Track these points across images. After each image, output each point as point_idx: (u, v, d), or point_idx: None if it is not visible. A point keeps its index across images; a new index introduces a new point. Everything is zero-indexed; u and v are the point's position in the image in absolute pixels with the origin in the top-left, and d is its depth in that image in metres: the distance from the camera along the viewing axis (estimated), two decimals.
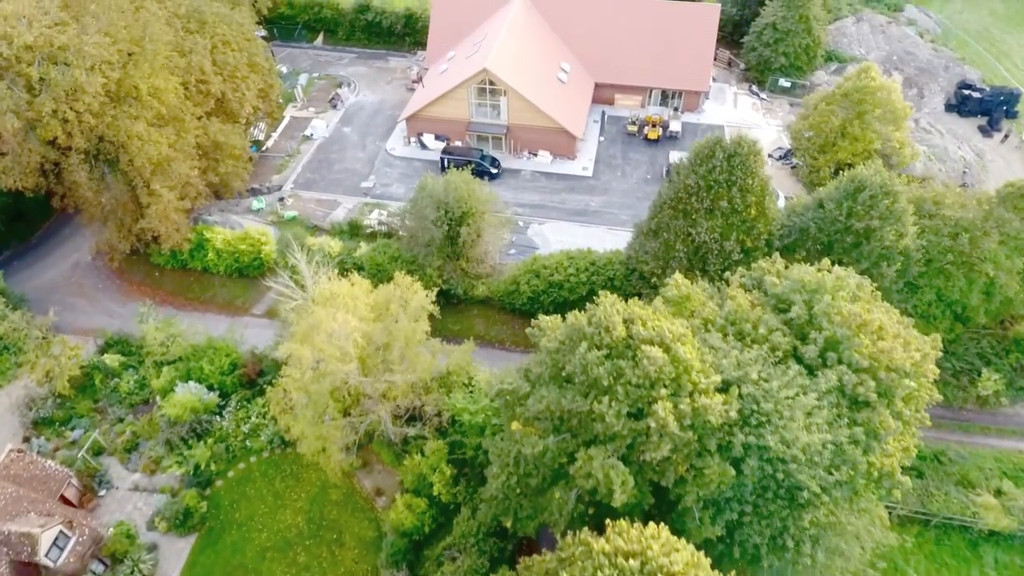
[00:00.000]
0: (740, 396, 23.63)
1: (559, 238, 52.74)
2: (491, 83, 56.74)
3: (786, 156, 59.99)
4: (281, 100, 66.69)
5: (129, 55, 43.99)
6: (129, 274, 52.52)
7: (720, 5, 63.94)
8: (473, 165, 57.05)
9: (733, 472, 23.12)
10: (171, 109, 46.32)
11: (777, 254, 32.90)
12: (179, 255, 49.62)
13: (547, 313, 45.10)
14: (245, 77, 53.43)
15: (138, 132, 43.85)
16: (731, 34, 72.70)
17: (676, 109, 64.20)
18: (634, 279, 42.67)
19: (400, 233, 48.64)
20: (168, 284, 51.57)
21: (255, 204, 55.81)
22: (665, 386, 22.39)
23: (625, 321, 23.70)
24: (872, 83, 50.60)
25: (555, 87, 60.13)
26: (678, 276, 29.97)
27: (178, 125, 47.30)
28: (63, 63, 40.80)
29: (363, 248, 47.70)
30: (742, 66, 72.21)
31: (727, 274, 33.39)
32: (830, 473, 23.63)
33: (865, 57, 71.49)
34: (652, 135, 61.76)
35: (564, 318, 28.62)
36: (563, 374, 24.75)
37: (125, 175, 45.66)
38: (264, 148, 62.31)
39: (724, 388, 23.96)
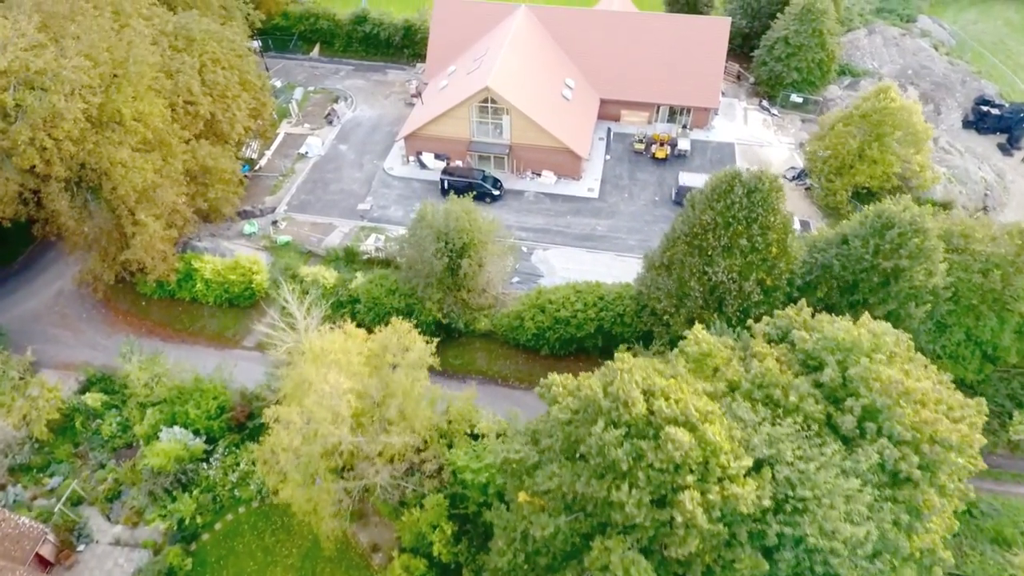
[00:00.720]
0: (773, 478, 21.38)
1: (565, 265, 50.45)
2: (493, 101, 54.46)
3: (800, 176, 57.69)
4: (275, 116, 64.54)
5: (112, 77, 41.69)
6: (115, 303, 50.22)
7: (730, 18, 61.48)
8: (474, 187, 54.98)
9: (766, 565, 20.89)
10: (157, 133, 44.03)
11: (803, 301, 30.68)
12: (166, 286, 47.31)
13: (552, 349, 43.66)
14: (236, 96, 51.11)
15: (122, 159, 41.57)
16: (740, 47, 70.40)
17: (685, 126, 61.89)
18: (645, 315, 40.41)
19: (398, 260, 46.28)
20: (155, 314, 49.26)
21: (247, 228, 53.48)
22: (691, 471, 20.16)
23: (645, 393, 21.43)
24: (892, 104, 48.33)
25: (559, 105, 57.84)
26: (698, 331, 27.66)
27: (165, 150, 45.01)
28: (40, 88, 38.52)
29: (359, 279, 45.40)
30: (752, 80, 69.93)
31: (749, 322, 31.13)
32: (872, 562, 21.39)
33: (879, 71, 69.28)
34: (660, 154, 59.47)
35: (576, 375, 26.34)
36: (576, 452, 22.49)
37: (109, 203, 43.35)
38: (257, 167, 59.99)
39: (756, 468, 21.72)
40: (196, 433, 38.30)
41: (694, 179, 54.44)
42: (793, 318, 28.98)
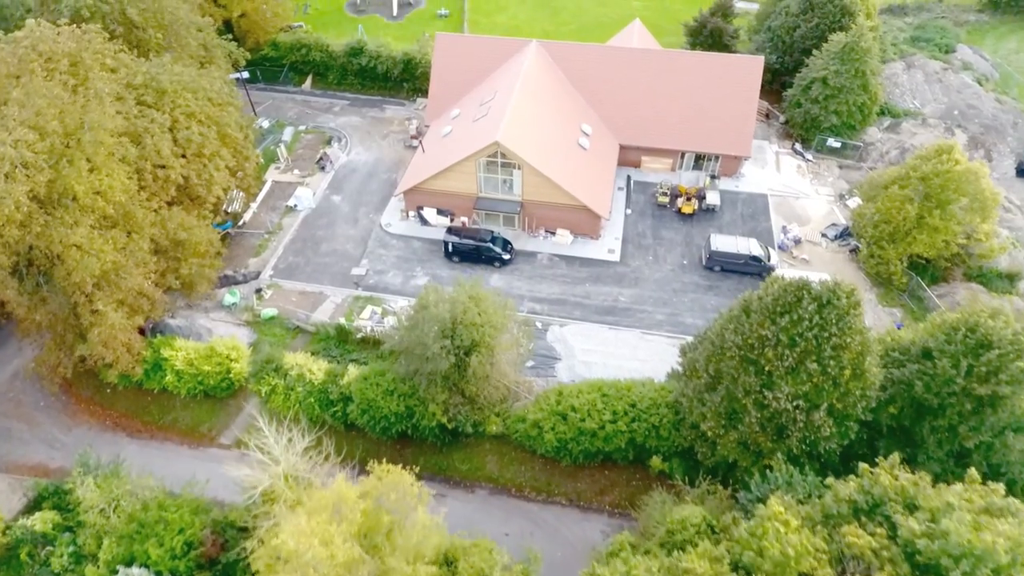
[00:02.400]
0: None
1: (584, 345, 44.69)
2: (503, 156, 48.69)
3: (843, 235, 51.93)
4: (262, 161, 58.76)
5: (65, 148, 35.92)
6: (77, 389, 44.44)
7: (763, 57, 55.73)
8: (482, 251, 49.26)
9: None
10: (119, 207, 38.27)
11: (895, 456, 25.02)
12: (132, 376, 41.52)
13: (576, 462, 37.95)
14: (214, 154, 45.30)
15: (76, 241, 35.79)
16: (769, 83, 64.55)
17: (713, 177, 56.08)
18: (685, 429, 34.69)
19: (396, 350, 40.46)
20: (121, 404, 43.45)
21: (228, 298, 47.70)
22: None
23: None
24: (956, 167, 42.64)
25: (576, 156, 52.08)
26: (777, 512, 21.91)
27: (129, 224, 39.24)
28: None
29: (351, 372, 39.57)
30: (782, 119, 64.23)
31: (829, 479, 25.45)
32: None
33: (920, 110, 63.59)
34: (687, 209, 53.72)
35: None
36: None
37: (64, 288, 37.55)
38: (241, 223, 54.18)
39: None
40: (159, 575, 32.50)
41: (727, 243, 48.78)
42: (887, 487, 23.24)
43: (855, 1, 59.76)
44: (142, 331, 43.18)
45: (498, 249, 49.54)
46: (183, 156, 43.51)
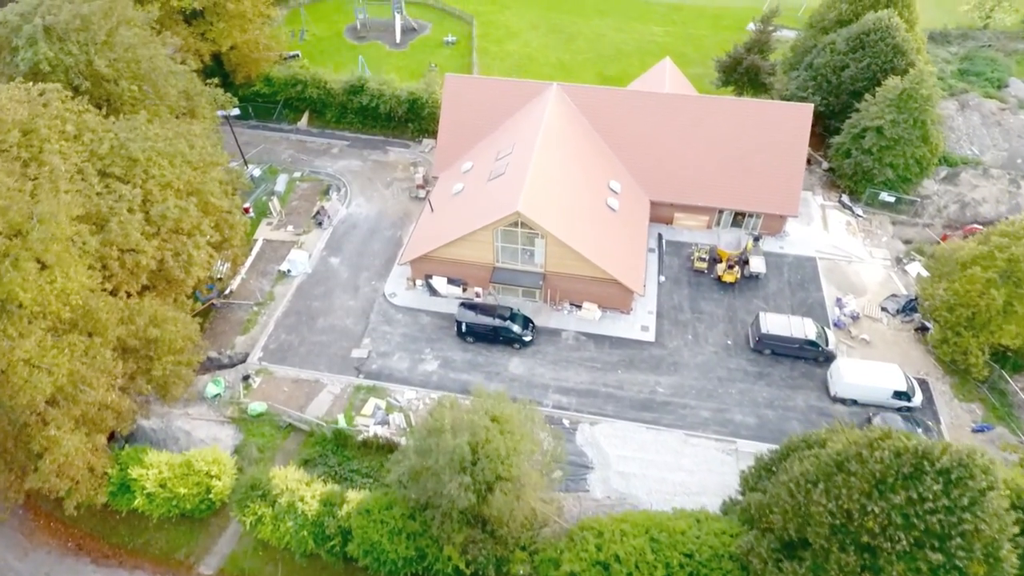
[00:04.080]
0: None
1: (620, 451, 38.79)
2: (523, 225, 42.81)
3: (907, 310, 46.03)
4: (252, 216, 53.00)
5: (10, 241, 30.04)
6: (37, 501, 38.59)
7: (813, 105, 49.75)
8: (500, 332, 43.42)
9: None
10: (77, 309, 32.39)
11: None
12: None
13: None
14: (195, 228, 39.43)
15: (23, 355, 29.92)
16: (812, 125, 58.64)
17: (757, 239, 50.11)
18: None
19: (404, 470, 34.57)
20: (86, 523, 37.59)
21: (211, 389, 41.81)
22: None
23: None
24: None
25: (604, 219, 46.17)
26: None
27: (91, 325, 33.34)
28: None
29: (351, 499, 33.63)
30: (825, 165, 58.36)
31: None
32: None
33: (979, 158, 57.74)
34: (728, 278, 47.82)
35: None
36: None
37: (10, 408, 31.67)
38: (227, 292, 48.28)
39: None
40: None
41: (779, 324, 42.86)
42: None
43: (908, 39, 53.89)
44: (111, 436, 37.39)
45: (518, 329, 43.66)
46: (157, 233, 37.62)
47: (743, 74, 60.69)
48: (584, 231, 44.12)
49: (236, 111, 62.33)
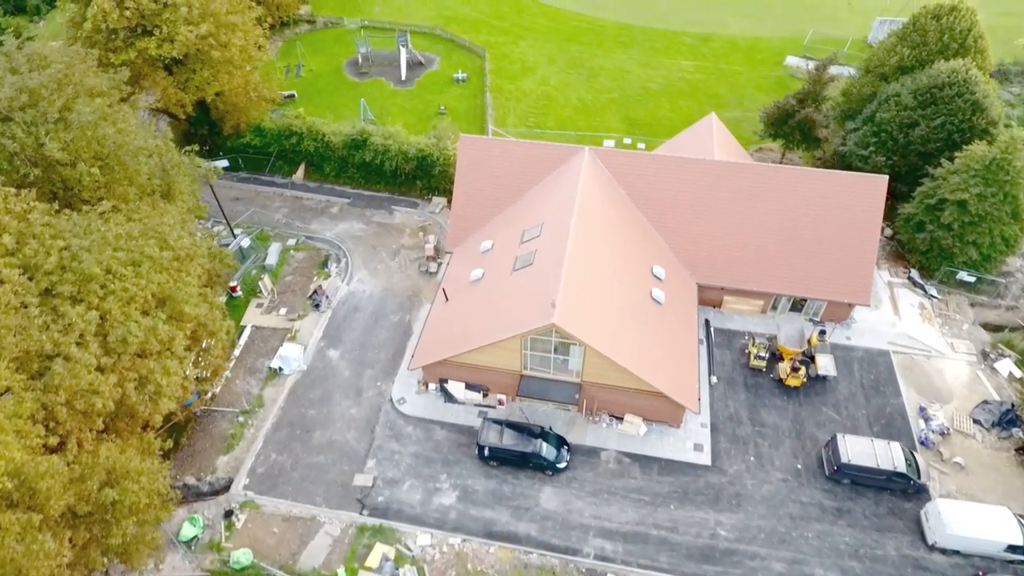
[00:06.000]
0: None
1: None
2: (558, 332, 36.04)
3: (1004, 423, 39.28)
4: (240, 291, 46.31)
5: None
6: None
7: (887, 177, 42.89)
8: (529, 458, 36.69)
9: None
10: (16, 475, 25.70)
11: None
12: None
13: None
14: (164, 347, 32.66)
15: None
16: None
17: (823, 332, 43.25)
18: None
19: None
20: None
21: (187, 530, 35.11)
22: None
23: None
24: None
25: (649, 316, 39.35)
26: None
27: (31, 499, 26.59)
28: None
29: None
30: (888, 233, 51.61)
31: None
32: None
33: None
34: (793, 382, 41.08)
35: None
36: None
37: None
38: (209, 396, 41.53)
39: None
40: None
41: (862, 450, 36.04)
42: None
43: (988, 95, 47.16)
44: None
45: (551, 454, 36.90)
46: (118, 361, 30.83)
47: (794, 128, 53.85)
48: (628, 336, 37.33)
49: (225, 162, 55.91)
